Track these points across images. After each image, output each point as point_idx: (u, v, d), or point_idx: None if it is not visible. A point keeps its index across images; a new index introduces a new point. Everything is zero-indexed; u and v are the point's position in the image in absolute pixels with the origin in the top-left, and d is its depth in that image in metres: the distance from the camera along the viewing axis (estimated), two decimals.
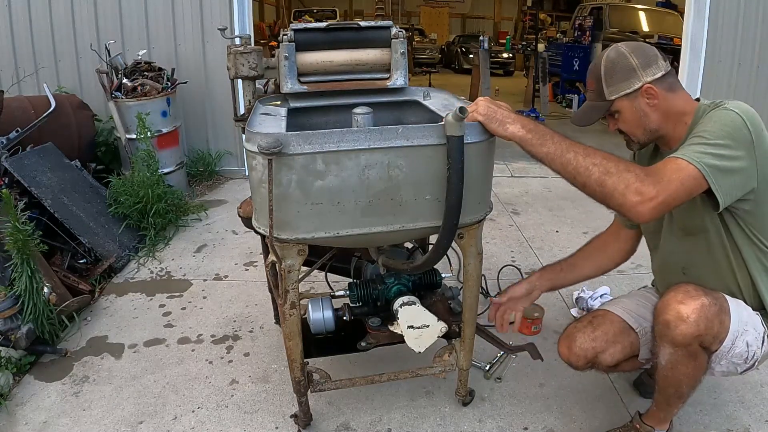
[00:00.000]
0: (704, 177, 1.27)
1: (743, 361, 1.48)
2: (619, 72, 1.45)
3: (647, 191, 1.25)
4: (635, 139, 1.52)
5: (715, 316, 1.39)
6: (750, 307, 1.49)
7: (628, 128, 1.51)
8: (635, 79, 1.44)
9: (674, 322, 1.38)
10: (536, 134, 1.35)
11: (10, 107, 3.34)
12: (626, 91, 1.45)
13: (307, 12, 19.14)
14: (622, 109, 1.48)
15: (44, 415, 1.95)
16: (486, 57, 8.27)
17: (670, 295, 1.43)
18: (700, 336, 1.38)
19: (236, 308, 2.68)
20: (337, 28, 1.89)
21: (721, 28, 4.63)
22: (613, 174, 1.28)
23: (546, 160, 1.36)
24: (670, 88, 1.46)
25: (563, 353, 1.73)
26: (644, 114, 1.46)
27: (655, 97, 1.44)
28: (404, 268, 1.69)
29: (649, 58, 1.45)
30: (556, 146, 1.34)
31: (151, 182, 3.41)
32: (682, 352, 1.42)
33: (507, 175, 5.05)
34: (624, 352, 1.68)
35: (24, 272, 2.23)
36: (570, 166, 1.33)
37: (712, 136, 1.31)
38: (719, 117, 1.35)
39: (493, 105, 1.42)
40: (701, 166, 1.27)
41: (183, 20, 4.54)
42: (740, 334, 1.43)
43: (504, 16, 23.51)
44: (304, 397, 1.80)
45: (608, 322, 1.70)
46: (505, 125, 1.38)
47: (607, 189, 1.29)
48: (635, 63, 1.44)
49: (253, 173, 1.42)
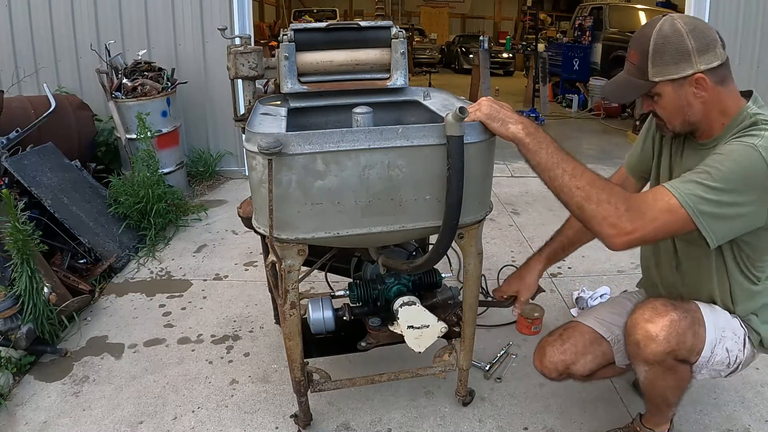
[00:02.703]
0: (694, 223, 1.21)
1: (725, 367, 1.46)
2: (670, 52, 1.28)
3: (623, 226, 1.22)
4: (670, 126, 1.40)
5: (687, 329, 1.36)
6: (727, 312, 1.46)
7: (666, 115, 1.37)
8: (688, 64, 1.27)
9: (643, 342, 1.37)
10: (534, 140, 1.31)
11: (10, 107, 3.34)
12: (674, 76, 1.29)
13: (307, 12, 19.13)
14: (664, 93, 1.33)
15: (44, 415, 1.95)
16: (486, 57, 8.26)
17: (638, 313, 1.40)
18: (673, 351, 1.36)
19: (236, 308, 2.68)
20: (337, 28, 1.89)
21: (721, 28, 4.60)
22: (593, 202, 1.24)
23: (536, 169, 1.33)
24: (722, 81, 1.31)
25: (537, 365, 1.74)
26: (688, 104, 1.32)
27: (705, 89, 1.29)
28: (404, 268, 1.69)
29: (708, 43, 1.28)
30: (549, 158, 1.29)
31: (151, 182, 3.41)
32: (657, 368, 1.41)
33: (507, 175, 5.05)
34: (596, 361, 1.67)
35: (24, 272, 2.23)
36: (556, 182, 1.29)
37: (720, 177, 1.21)
38: (740, 154, 1.22)
39: (496, 104, 1.39)
40: (693, 211, 1.21)
41: (183, 20, 4.54)
42: (718, 341, 1.41)
43: (504, 16, 23.51)
44: (304, 397, 1.80)
45: (578, 333, 1.69)
46: (507, 125, 1.34)
47: (585, 215, 1.27)
48: (691, 46, 1.27)
49: (253, 173, 1.42)
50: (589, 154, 6.03)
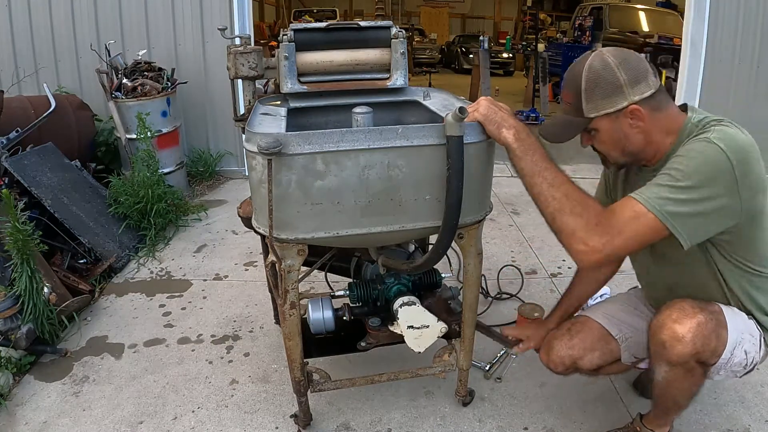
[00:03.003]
0: (663, 224, 1.22)
1: (742, 368, 1.46)
2: (602, 88, 1.31)
3: (592, 243, 1.23)
4: (611, 159, 1.43)
5: (712, 332, 1.35)
6: (744, 313, 1.46)
7: (605, 149, 1.41)
8: (621, 97, 1.30)
9: (670, 342, 1.35)
10: (522, 145, 1.32)
11: (10, 107, 3.34)
12: (608, 110, 1.32)
13: (307, 12, 19.14)
14: (600, 128, 1.36)
15: (44, 415, 1.95)
16: (486, 57, 8.26)
17: (665, 313, 1.39)
18: (697, 354, 1.35)
19: (236, 308, 2.68)
20: (337, 28, 1.89)
21: (721, 28, 4.63)
22: (566, 213, 1.26)
23: (520, 174, 1.35)
24: (658, 107, 1.33)
25: (543, 359, 1.75)
26: (625, 136, 1.35)
27: (641, 119, 1.32)
28: (404, 268, 1.69)
29: (638, 74, 1.30)
30: (532, 166, 1.31)
31: (151, 182, 3.41)
32: (678, 370, 1.40)
33: (507, 175, 5.04)
34: (603, 358, 1.67)
35: (24, 272, 2.23)
36: (535, 189, 1.32)
37: (683, 176, 1.22)
38: (698, 152, 1.24)
39: (494, 106, 1.38)
40: (661, 214, 1.21)
41: (183, 20, 4.54)
42: (738, 344, 1.40)
43: (504, 16, 23.51)
44: (303, 397, 1.80)
45: (587, 329, 1.69)
46: (500, 128, 1.35)
47: (555, 226, 1.29)
48: (623, 79, 1.29)
49: (253, 173, 1.42)
50: (586, 153, 6.02)
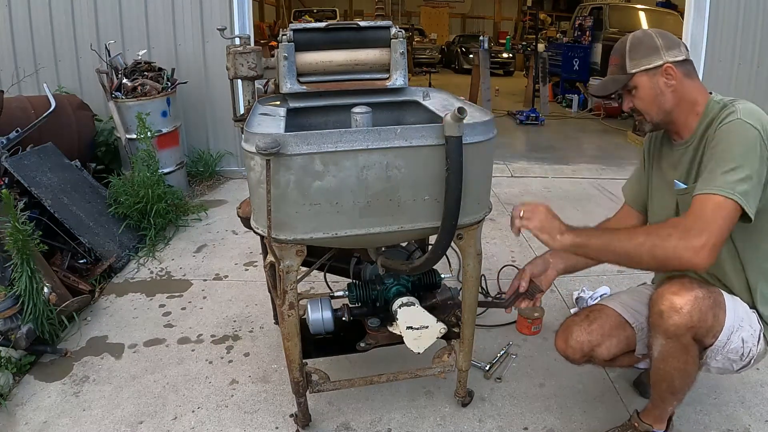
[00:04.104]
0: (741, 206, 1.31)
1: (739, 358, 1.49)
2: (643, 48, 1.51)
3: (695, 243, 1.29)
4: (648, 117, 1.56)
5: (708, 309, 1.41)
6: (746, 304, 1.50)
7: (644, 105, 1.54)
8: (657, 57, 1.49)
9: (667, 313, 1.40)
10: (579, 238, 1.45)
11: (10, 107, 3.35)
12: (647, 66, 1.50)
13: (307, 12, 19.14)
14: (640, 84, 1.52)
15: (44, 415, 1.95)
16: (486, 57, 8.26)
17: (665, 286, 1.45)
18: (693, 327, 1.40)
19: (236, 308, 2.68)
20: (336, 28, 1.89)
21: (721, 27, 4.63)
22: (658, 247, 1.33)
23: (596, 258, 1.53)
24: (688, 74, 1.52)
25: (560, 346, 1.74)
26: (661, 92, 1.51)
27: (674, 78, 1.49)
28: (403, 268, 1.69)
29: (672, 42, 1.52)
30: (598, 242, 1.44)
31: (151, 182, 3.41)
32: (674, 344, 1.43)
33: (507, 175, 5.05)
34: (620, 346, 1.69)
35: (24, 272, 2.23)
36: (620, 252, 1.40)
37: (731, 157, 1.35)
38: (737, 133, 1.37)
39: (548, 218, 1.48)
40: (737, 197, 1.31)
41: (183, 20, 4.55)
42: (736, 329, 1.45)
43: (504, 16, 23.50)
44: (302, 397, 1.80)
45: (605, 316, 1.72)
46: (554, 237, 1.46)
47: (660, 260, 1.34)
48: (660, 43, 1.50)
49: (252, 174, 1.42)
50: (589, 154, 6.03)
